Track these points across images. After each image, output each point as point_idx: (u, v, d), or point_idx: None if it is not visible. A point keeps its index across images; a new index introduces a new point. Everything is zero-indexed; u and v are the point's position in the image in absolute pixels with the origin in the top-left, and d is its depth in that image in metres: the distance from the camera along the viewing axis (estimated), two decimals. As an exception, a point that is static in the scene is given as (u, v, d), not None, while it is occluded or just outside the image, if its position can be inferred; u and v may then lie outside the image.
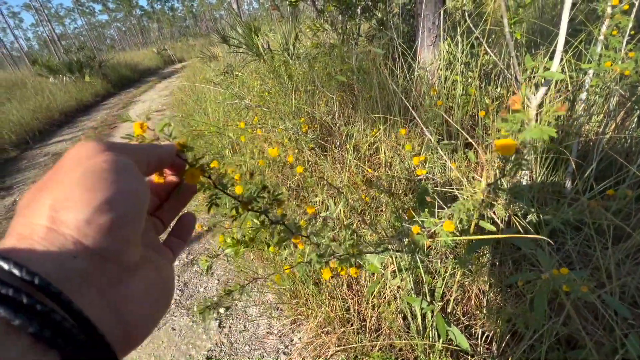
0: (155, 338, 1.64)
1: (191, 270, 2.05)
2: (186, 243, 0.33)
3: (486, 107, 1.63)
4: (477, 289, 1.11)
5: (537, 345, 0.70)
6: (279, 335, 1.57)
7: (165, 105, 6.44)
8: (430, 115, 1.40)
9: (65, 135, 5.62)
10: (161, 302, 0.22)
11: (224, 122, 2.17)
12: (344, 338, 1.33)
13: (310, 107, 1.76)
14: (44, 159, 4.58)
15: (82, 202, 0.17)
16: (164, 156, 0.27)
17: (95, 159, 0.19)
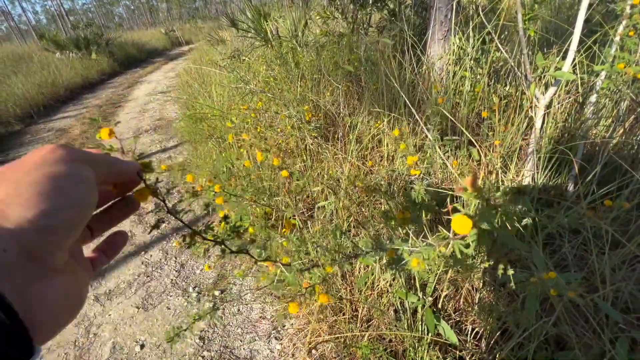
0: (150, 316, 1.67)
1: (188, 252, 2.07)
2: (110, 260, 0.33)
3: (493, 105, 1.60)
4: (469, 286, 1.11)
5: (525, 344, 0.71)
6: (272, 320, 1.59)
7: (171, 87, 6.40)
8: (434, 110, 1.37)
9: (70, 112, 5.61)
10: (70, 311, 0.23)
11: (228, 106, 2.16)
12: (335, 326, 1.34)
13: (315, 96, 1.74)
14: (47, 135, 4.58)
15: (31, 203, 0.19)
16: (124, 172, 0.29)
17: (58, 167, 0.21)
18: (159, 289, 1.83)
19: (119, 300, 1.79)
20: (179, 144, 3.62)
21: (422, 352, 1.02)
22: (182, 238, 0.53)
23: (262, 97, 1.63)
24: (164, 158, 3.36)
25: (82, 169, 0.22)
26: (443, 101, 1.32)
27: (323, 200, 1.40)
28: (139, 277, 1.93)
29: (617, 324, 0.71)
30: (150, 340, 1.56)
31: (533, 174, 1.31)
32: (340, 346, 1.32)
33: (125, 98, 6.20)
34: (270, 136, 1.57)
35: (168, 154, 3.47)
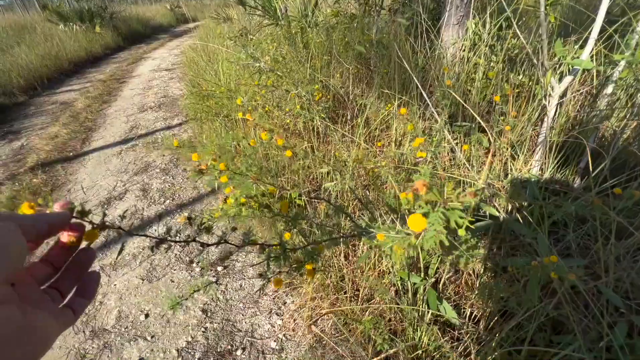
0: (154, 288, 1.71)
1: (192, 228, 2.10)
2: (91, 301, 0.37)
3: (505, 93, 1.58)
4: (471, 271, 1.13)
5: (525, 324, 0.72)
6: (274, 297, 1.62)
7: (176, 65, 6.31)
8: (443, 93, 1.35)
9: (74, 86, 5.56)
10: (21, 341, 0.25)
11: (236, 84, 2.13)
12: (336, 304, 1.37)
13: (324, 77, 1.71)
14: (51, 107, 4.56)
15: None
16: (53, 222, 0.32)
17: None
18: (163, 263, 1.87)
19: (124, 271, 1.83)
20: (184, 122, 3.60)
21: (420, 332, 1.04)
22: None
23: (270, 75, 1.61)
24: (169, 135, 3.35)
25: (6, 226, 0.26)
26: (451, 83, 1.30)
27: (329, 182, 1.40)
28: (143, 250, 1.96)
29: (617, 310, 0.73)
30: (155, 310, 1.60)
31: (541, 163, 1.31)
32: (341, 322, 1.35)
33: (129, 74, 6.13)
34: (277, 116, 1.55)
35: (172, 131, 3.46)
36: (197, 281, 1.73)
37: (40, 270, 0.34)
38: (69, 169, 2.92)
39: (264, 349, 1.41)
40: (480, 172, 0.93)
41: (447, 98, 1.31)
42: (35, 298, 0.31)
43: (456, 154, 1.26)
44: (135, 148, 3.17)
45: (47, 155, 3.14)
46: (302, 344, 1.38)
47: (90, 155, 3.12)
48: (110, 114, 4.15)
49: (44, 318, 0.28)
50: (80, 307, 0.35)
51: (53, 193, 2.59)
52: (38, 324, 0.27)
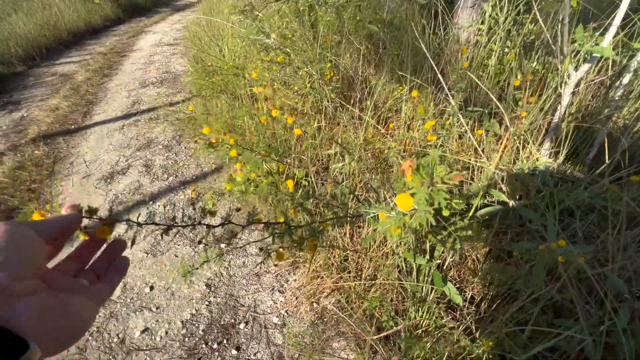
0: (158, 262, 1.73)
1: (196, 205, 2.11)
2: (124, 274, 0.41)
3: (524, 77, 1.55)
4: (475, 256, 1.14)
5: (528, 307, 0.74)
6: (276, 274, 1.65)
7: (178, 40, 6.15)
8: (457, 77, 1.33)
9: (74, 58, 5.43)
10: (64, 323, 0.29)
11: (243, 61, 2.08)
12: (339, 283, 1.40)
13: (334, 57, 1.67)
14: (51, 79, 4.47)
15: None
16: (65, 224, 0.35)
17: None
18: (166, 238, 1.88)
19: (128, 244, 1.85)
20: (187, 99, 3.55)
21: (422, 311, 1.07)
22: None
23: (279, 52, 1.57)
24: (171, 112, 3.31)
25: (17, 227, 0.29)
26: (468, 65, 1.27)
27: (335, 164, 1.40)
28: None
29: (617, 297, 0.74)
30: (159, 283, 1.63)
31: (552, 151, 1.30)
32: (343, 300, 1.38)
33: (130, 47, 5.98)
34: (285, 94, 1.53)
35: (175, 108, 3.41)
36: (200, 257, 1.75)
37: (68, 266, 0.37)
38: (71, 141, 2.90)
39: (266, 323, 1.44)
40: (491, 158, 0.92)
41: (464, 80, 1.29)
42: (66, 285, 0.34)
43: (468, 139, 1.25)
44: (138, 123, 3.13)
45: (48, 127, 3.11)
46: (304, 320, 1.42)
47: (92, 129, 3.09)
48: (111, 88, 4.08)
49: (76, 300, 0.31)
50: (114, 280, 0.39)
51: (55, 165, 2.58)
52: (71, 306, 0.30)
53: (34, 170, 2.49)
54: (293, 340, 1.36)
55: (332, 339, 1.34)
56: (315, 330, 1.37)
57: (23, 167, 2.51)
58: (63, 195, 2.26)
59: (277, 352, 1.34)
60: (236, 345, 1.37)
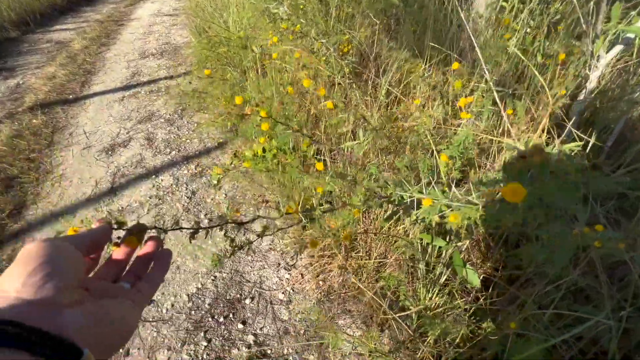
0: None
1: (199, 181, 2.07)
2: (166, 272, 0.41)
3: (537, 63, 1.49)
4: (490, 239, 1.13)
5: (552, 291, 0.73)
6: (281, 252, 1.64)
7: (178, 10, 5.90)
8: (489, 52, 1.27)
9: (69, 25, 5.21)
10: (112, 328, 0.30)
11: (252, 31, 1.99)
12: (347, 262, 1.39)
13: (348, 30, 1.59)
14: (47, 46, 4.30)
15: (16, 275, 0.27)
16: (96, 237, 0.37)
17: (31, 247, 0.29)
18: (170, 212, 1.86)
19: (131, 217, 1.82)
20: (188, 72, 3.43)
21: (432, 293, 1.06)
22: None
23: (294, 20, 1.48)
24: (172, 85, 3.21)
25: (55, 241, 0.31)
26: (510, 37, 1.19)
27: (349, 142, 1.36)
28: (151, 198, 1.95)
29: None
30: (164, 257, 1.62)
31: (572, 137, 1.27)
32: (349, 280, 1.38)
33: (127, 16, 5.74)
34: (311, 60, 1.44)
35: (176, 81, 3.31)
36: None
37: (107, 272, 0.39)
38: (70, 111, 2.81)
39: (272, 299, 1.45)
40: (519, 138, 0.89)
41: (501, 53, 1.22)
42: (107, 291, 0.35)
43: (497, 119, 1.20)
44: (138, 96, 3.04)
45: (45, 96, 3.01)
46: (311, 297, 1.42)
47: (90, 100, 3.00)
48: (109, 57, 3.93)
49: (119, 304, 0.32)
50: (156, 278, 0.40)
51: (54, 135, 2.51)
52: (115, 312, 0.31)
53: (32, 139, 2.42)
54: (299, 317, 1.37)
55: (338, 317, 1.34)
56: (321, 308, 1.37)
57: (21, 135, 2.44)
58: (63, 166, 2.21)
59: (283, 327, 1.34)
60: (242, 319, 1.38)
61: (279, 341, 1.30)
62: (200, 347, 1.29)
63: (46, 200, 1.96)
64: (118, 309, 0.32)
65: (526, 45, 1.53)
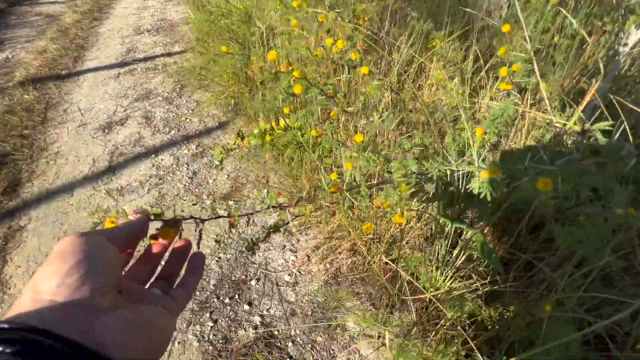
0: (164, 216, 1.67)
1: (200, 161, 2.01)
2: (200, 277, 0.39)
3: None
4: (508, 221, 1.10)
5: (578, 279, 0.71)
6: (286, 234, 1.61)
7: (173, -14, 5.64)
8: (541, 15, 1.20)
9: (59, -3, 4.97)
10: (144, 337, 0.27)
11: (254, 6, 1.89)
12: (355, 247, 1.36)
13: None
14: (36, 19, 4.10)
15: (51, 274, 0.25)
16: (134, 229, 0.34)
17: (66, 244, 0.27)
18: (172, 192, 1.81)
19: (131, 197, 1.77)
20: (186, 50, 3.30)
21: (444, 275, 1.04)
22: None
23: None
24: (170, 62, 3.09)
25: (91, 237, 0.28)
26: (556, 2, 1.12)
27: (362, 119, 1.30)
28: (151, 178, 1.89)
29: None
30: (167, 237, 1.58)
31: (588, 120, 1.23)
32: (359, 262, 1.36)
33: None
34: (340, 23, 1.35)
35: (173, 58, 3.18)
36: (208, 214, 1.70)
37: (139, 272, 0.36)
38: (63, 87, 2.70)
39: (277, 281, 1.43)
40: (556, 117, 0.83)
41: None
42: (141, 296, 0.33)
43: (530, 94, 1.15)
44: (134, 73, 2.92)
45: (36, 71, 2.88)
46: (317, 279, 1.40)
47: (84, 76, 2.88)
48: (103, 32, 3.77)
49: (153, 311, 0.30)
50: (190, 284, 0.37)
51: (48, 111, 2.41)
52: (152, 319, 0.29)
53: (24, 115, 2.32)
54: (306, 298, 1.35)
55: (345, 299, 1.33)
56: (328, 290, 1.36)
57: (13, 111, 2.34)
58: (58, 143, 2.13)
59: (290, 308, 1.33)
60: (248, 300, 1.36)
61: (286, 322, 1.29)
62: (207, 327, 1.27)
63: (41, 178, 1.89)
64: (155, 316, 0.30)
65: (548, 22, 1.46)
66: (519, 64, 0.64)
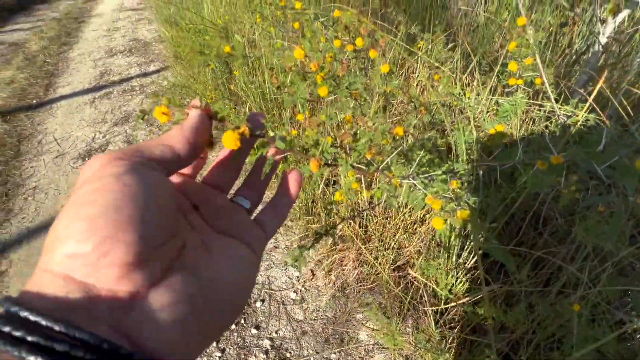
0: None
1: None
2: (293, 200, 0.28)
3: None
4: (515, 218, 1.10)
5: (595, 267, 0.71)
6: (286, 249, 1.57)
7: (142, 4, 5.55)
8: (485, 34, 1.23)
9: (23, 24, 4.80)
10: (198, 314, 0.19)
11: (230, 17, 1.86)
12: (361, 257, 1.34)
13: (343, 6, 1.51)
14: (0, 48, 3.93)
15: (77, 239, 0.17)
16: (195, 139, 0.23)
17: (98, 182, 0.18)
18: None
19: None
20: (162, 69, 3.23)
21: (453, 278, 1.03)
22: None
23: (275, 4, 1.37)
24: (147, 83, 3.00)
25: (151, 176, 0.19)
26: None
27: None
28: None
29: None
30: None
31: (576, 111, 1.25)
32: (365, 272, 1.33)
33: (88, 13, 5.35)
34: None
35: (150, 78, 3.10)
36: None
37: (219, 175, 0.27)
38: (35, 118, 2.57)
39: (283, 300, 1.38)
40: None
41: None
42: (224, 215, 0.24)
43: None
44: (111, 96, 2.83)
45: (5, 102, 2.74)
46: (324, 293, 1.36)
47: (58, 104, 2.76)
48: (73, 57, 3.64)
49: (233, 257, 0.22)
50: (283, 209, 0.28)
51: (21, 144, 2.29)
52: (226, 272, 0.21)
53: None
54: (314, 315, 1.31)
55: (355, 311, 1.30)
56: (337, 303, 1.32)
57: (-18, 147, 2.21)
58: (35, 177, 2.02)
59: (300, 328, 1.28)
60: (255, 324, 1.30)
61: (297, 343, 1.24)
62: (214, 358, 1.21)
63: (20, 217, 1.78)
64: (233, 265, 0.22)
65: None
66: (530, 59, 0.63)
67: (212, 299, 0.20)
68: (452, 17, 1.68)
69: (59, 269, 0.16)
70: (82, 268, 0.16)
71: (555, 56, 1.50)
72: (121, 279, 0.17)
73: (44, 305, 0.16)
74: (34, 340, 0.14)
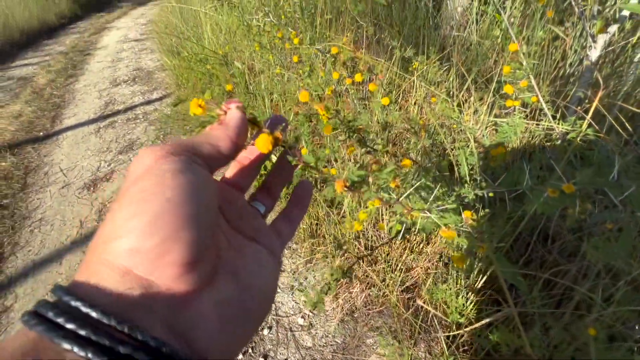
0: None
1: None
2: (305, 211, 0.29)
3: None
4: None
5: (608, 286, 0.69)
6: (292, 272, 1.55)
7: (145, 35, 5.76)
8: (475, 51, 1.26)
9: (31, 59, 4.98)
10: (238, 318, 0.19)
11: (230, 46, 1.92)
12: (368, 278, 1.32)
13: (335, 34, 1.56)
14: (8, 83, 4.06)
15: (135, 236, 0.16)
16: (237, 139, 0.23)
17: (152, 180, 0.18)
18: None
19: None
20: (165, 96, 3.31)
21: (464, 299, 1.01)
22: None
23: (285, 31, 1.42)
24: (150, 110, 3.08)
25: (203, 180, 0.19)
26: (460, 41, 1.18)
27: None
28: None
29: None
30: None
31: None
32: (373, 295, 1.31)
33: (93, 45, 5.55)
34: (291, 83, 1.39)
35: (154, 106, 3.18)
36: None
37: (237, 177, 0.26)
38: (42, 150, 2.63)
39: (291, 326, 1.35)
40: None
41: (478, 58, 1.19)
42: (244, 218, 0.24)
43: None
44: (115, 125, 2.89)
45: (12, 136, 2.81)
46: (332, 318, 1.33)
47: (64, 135, 2.82)
48: (79, 89, 3.75)
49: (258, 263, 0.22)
50: (296, 219, 0.28)
51: (28, 177, 2.32)
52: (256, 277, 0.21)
53: (3, 184, 2.23)
54: (323, 341, 1.27)
55: (365, 336, 1.26)
56: (345, 328, 1.29)
57: (-10, 181, 2.24)
58: (42, 209, 2.04)
59: (309, 355, 1.25)
60: (263, 353, 1.27)
61: (307, 372, 1.20)
62: (222, 391, 1.17)
63: (26, 250, 1.79)
64: (262, 271, 0.22)
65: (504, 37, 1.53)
66: (525, 82, 0.64)
67: (248, 305, 0.20)
68: (445, 37, 1.73)
69: (118, 261, 0.16)
70: (143, 264, 0.16)
71: (550, 69, 1.52)
72: (179, 278, 0.17)
73: (103, 300, 0.15)
74: (98, 341, 0.14)
